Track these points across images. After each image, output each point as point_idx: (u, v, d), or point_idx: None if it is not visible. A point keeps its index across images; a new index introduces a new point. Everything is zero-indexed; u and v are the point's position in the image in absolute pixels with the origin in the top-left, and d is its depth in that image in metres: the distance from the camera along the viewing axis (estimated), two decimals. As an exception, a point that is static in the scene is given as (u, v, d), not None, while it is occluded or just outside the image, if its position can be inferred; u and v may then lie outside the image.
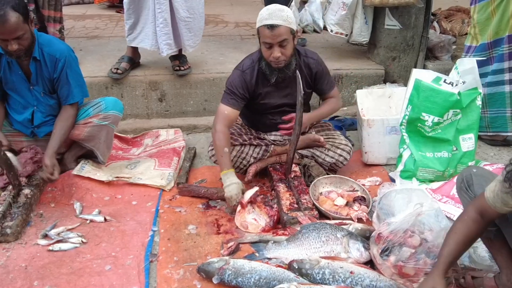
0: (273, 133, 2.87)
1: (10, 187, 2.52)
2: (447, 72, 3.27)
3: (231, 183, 2.49)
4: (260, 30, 2.49)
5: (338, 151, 2.78)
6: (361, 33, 4.01)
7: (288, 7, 4.43)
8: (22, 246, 2.27)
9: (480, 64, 3.12)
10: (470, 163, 2.84)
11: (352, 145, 2.88)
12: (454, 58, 4.14)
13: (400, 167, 2.86)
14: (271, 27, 2.42)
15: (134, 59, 3.69)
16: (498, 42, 3.09)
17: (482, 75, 3.15)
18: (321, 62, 2.77)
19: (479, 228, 1.72)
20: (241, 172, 2.85)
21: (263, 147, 2.81)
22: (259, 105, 2.76)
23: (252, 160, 2.80)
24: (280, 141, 2.86)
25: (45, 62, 2.59)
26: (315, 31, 5.06)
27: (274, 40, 2.45)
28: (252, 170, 2.79)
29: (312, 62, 2.72)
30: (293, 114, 2.55)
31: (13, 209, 2.41)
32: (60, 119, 2.67)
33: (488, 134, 3.32)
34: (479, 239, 1.99)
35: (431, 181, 2.81)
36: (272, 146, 2.83)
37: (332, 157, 2.78)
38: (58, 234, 2.33)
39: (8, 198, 2.43)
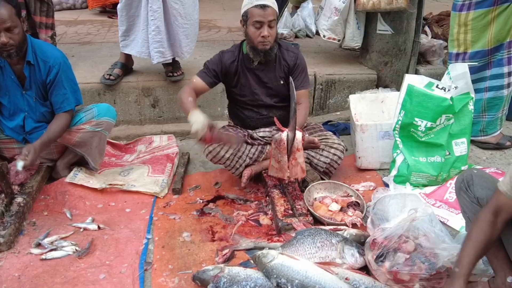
0: (261, 129, 2.88)
1: (3, 195, 2.49)
2: (439, 76, 3.29)
3: (195, 120, 2.48)
4: (250, 11, 2.60)
5: (332, 150, 2.80)
6: (354, 38, 4.03)
7: (282, 12, 4.48)
8: (15, 256, 2.24)
9: (478, 69, 3.14)
10: (463, 168, 2.85)
11: (346, 149, 2.89)
12: (445, 62, 4.16)
13: (394, 172, 2.87)
14: (263, 6, 2.57)
15: (127, 65, 3.68)
16: (498, 48, 3.10)
17: (479, 80, 3.17)
18: (301, 58, 2.85)
19: (496, 229, 1.70)
20: (236, 174, 2.86)
21: (259, 148, 2.84)
22: (240, 93, 2.85)
23: (248, 160, 2.81)
24: (269, 137, 2.86)
25: (38, 67, 2.58)
26: (307, 36, 5.08)
27: (265, 19, 2.58)
28: (246, 174, 2.79)
29: (292, 55, 2.83)
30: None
31: (5, 217, 2.38)
32: (53, 123, 2.65)
33: (481, 137, 3.34)
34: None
35: (425, 185, 2.83)
36: (268, 147, 2.84)
37: (326, 157, 2.80)
38: (52, 243, 2.31)
39: (0, 207, 2.41)
